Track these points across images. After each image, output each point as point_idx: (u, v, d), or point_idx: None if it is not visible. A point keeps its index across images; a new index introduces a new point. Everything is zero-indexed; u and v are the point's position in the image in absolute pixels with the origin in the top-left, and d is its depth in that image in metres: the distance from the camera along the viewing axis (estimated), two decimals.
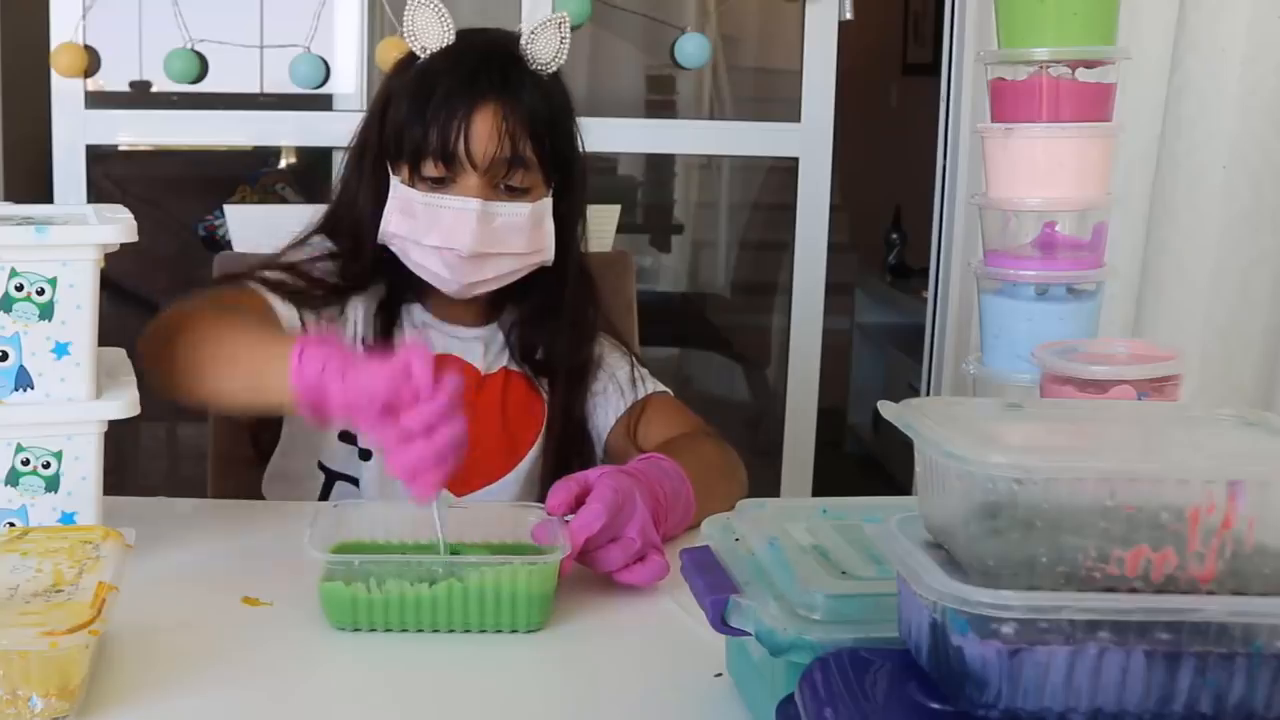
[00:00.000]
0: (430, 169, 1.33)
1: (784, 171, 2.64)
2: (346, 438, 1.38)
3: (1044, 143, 1.35)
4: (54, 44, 2.23)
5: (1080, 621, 0.59)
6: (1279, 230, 1.90)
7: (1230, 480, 0.60)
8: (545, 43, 1.38)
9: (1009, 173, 1.38)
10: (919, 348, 2.51)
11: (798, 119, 2.45)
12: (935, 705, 0.62)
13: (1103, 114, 1.37)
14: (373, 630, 0.97)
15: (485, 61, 1.36)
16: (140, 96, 3.45)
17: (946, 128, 2.34)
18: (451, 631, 0.97)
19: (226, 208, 2.00)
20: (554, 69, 1.40)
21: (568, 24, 1.39)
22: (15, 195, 2.37)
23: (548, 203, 1.37)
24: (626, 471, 1.12)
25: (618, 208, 1.93)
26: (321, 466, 1.40)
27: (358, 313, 1.41)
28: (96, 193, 2.30)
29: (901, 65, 4.85)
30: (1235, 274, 1.92)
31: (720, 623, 0.77)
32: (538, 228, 1.36)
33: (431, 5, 1.35)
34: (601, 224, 1.91)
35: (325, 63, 2.26)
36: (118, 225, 1.03)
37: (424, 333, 1.43)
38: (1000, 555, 0.61)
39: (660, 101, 3.61)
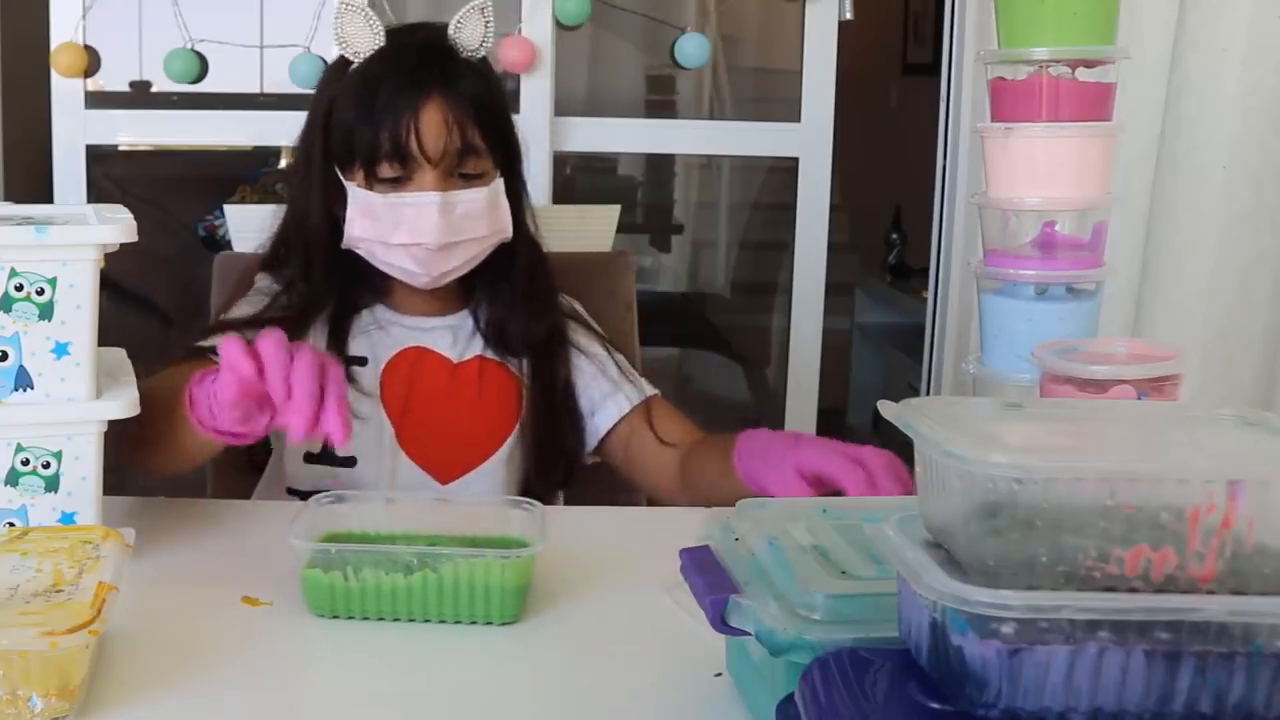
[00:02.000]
0: (386, 170, 1.34)
1: (784, 171, 2.65)
2: (311, 458, 1.39)
3: (1044, 142, 1.35)
4: (54, 44, 2.23)
5: (1080, 621, 0.59)
6: (1279, 230, 1.90)
7: (1230, 480, 0.60)
8: (471, 29, 1.41)
9: (1009, 172, 1.38)
10: (919, 348, 2.51)
11: (798, 119, 2.45)
12: (935, 705, 0.62)
13: (1103, 114, 1.37)
14: (350, 618, 0.99)
15: (423, 57, 1.38)
16: (140, 96, 3.46)
17: (946, 128, 2.34)
18: (428, 621, 0.98)
19: (226, 208, 2.00)
20: (482, 54, 1.43)
21: (490, 8, 1.42)
22: (15, 195, 2.37)
23: (500, 184, 1.40)
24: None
25: (618, 208, 1.93)
26: (292, 491, 1.40)
27: (320, 335, 1.42)
28: (96, 193, 2.31)
29: (901, 65, 4.85)
30: (1235, 274, 1.92)
31: (720, 623, 0.77)
32: (495, 209, 1.39)
33: (359, 10, 1.38)
34: (601, 224, 1.91)
35: (325, 63, 2.26)
36: (118, 225, 1.03)
37: (386, 331, 1.45)
38: (1000, 555, 0.61)
39: (660, 101, 3.62)
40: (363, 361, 1.42)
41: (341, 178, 1.38)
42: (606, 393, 1.48)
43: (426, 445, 1.42)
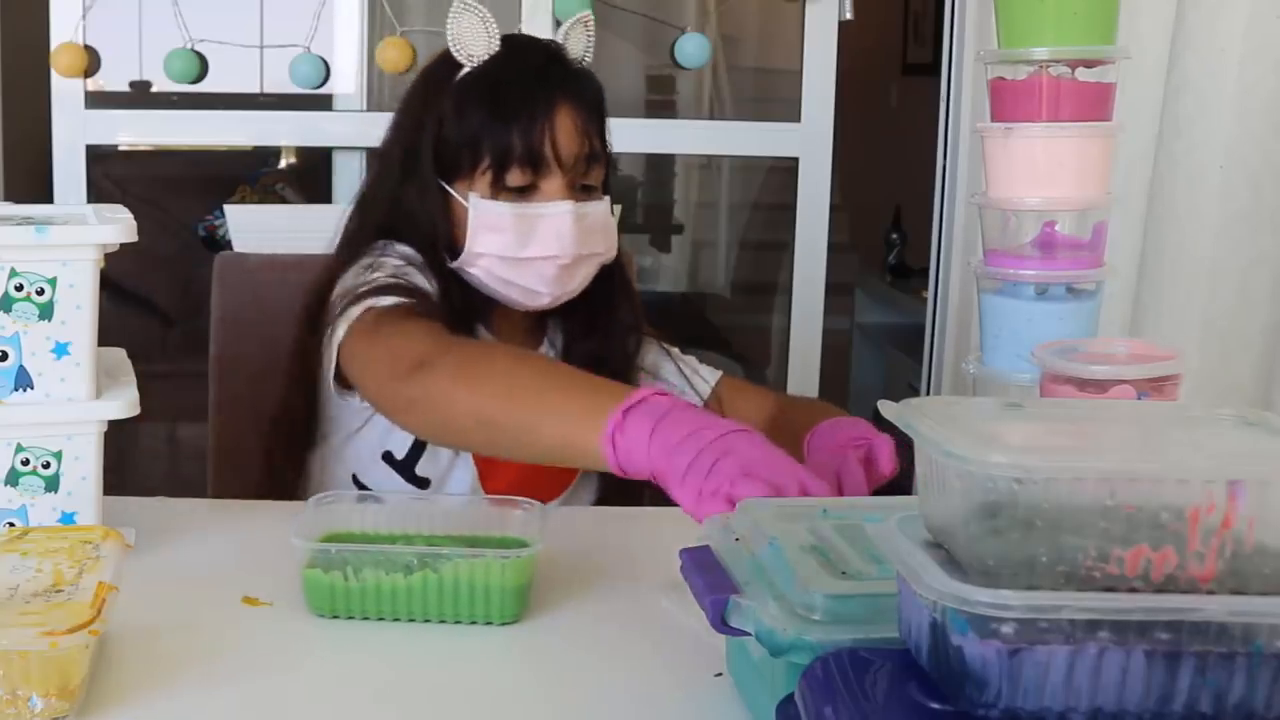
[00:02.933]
0: (516, 178, 1.29)
1: (784, 171, 2.64)
2: (388, 459, 1.35)
3: (1044, 142, 1.35)
4: (54, 44, 2.23)
5: (1080, 621, 0.59)
6: (1277, 230, 1.90)
7: (1230, 480, 0.60)
8: (576, 39, 1.37)
9: (1009, 172, 1.38)
10: (919, 348, 2.51)
11: (798, 119, 2.45)
12: (935, 705, 0.62)
13: (1103, 114, 1.37)
14: (350, 618, 0.98)
15: (548, 61, 1.34)
16: (140, 96, 3.46)
17: (946, 128, 2.34)
18: (428, 621, 0.98)
19: (226, 208, 2.01)
20: (587, 64, 1.39)
21: (592, 21, 1.39)
22: (15, 195, 2.37)
23: (608, 199, 1.36)
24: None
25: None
26: (355, 480, 1.36)
27: None
28: (96, 193, 2.31)
29: (901, 65, 4.85)
30: (1233, 274, 1.92)
31: (720, 623, 0.77)
32: (609, 225, 1.35)
33: (475, 10, 1.31)
34: None
35: (325, 63, 2.27)
36: (118, 225, 1.03)
37: None
38: (1000, 555, 0.61)
39: (660, 101, 3.62)
40: None
41: (452, 190, 1.32)
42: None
43: (505, 481, 1.35)
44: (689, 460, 0.93)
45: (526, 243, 1.29)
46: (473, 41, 1.32)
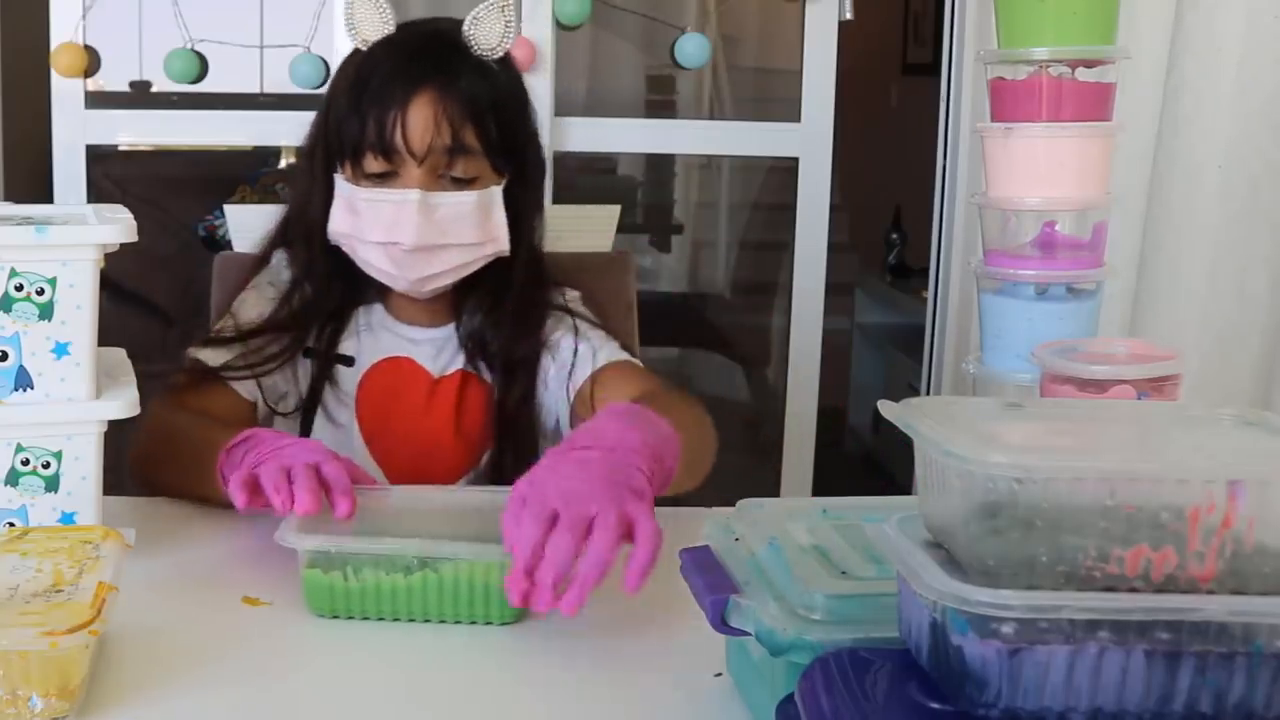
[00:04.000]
0: (371, 164, 1.31)
1: (784, 171, 2.64)
2: None
3: (1044, 142, 1.35)
4: (54, 44, 2.23)
5: (1080, 621, 0.59)
6: (1275, 230, 1.90)
7: (1230, 480, 0.60)
8: (489, 27, 1.35)
9: (1009, 172, 1.38)
10: (919, 348, 2.51)
11: (798, 119, 2.45)
12: (935, 705, 0.62)
13: (1102, 113, 1.37)
14: (351, 618, 0.98)
15: (422, 49, 1.33)
16: (140, 96, 3.46)
17: (946, 128, 2.34)
18: (428, 621, 0.98)
19: (226, 208, 2.00)
20: (500, 54, 1.36)
21: (511, 7, 1.36)
22: (15, 195, 2.37)
23: (497, 191, 1.34)
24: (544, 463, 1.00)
25: (618, 208, 1.93)
26: None
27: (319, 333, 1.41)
28: (96, 193, 2.30)
29: (901, 65, 4.85)
30: (1231, 273, 1.92)
31: (720, 623, 0.77)
32: (487, 217, 1.33)
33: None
34: (601, 224, 1.91)
35: (325, 63, 2.26)
36: (118, 225, 1.03)
37: (375, 335, 1.42)
38: (1000, 555, 0.61)
39: (660, 101, 3.61)
40: (349, 361, 1.40)
41: (336, 169, 1.35)
42: (554, 388, 1.42)
43: (395, 456, 1.39)
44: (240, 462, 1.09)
45: (373, 227, 1.31)
46: (366, 25, 1.35)
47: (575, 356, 1.41)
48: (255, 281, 1.43)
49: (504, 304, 1.40)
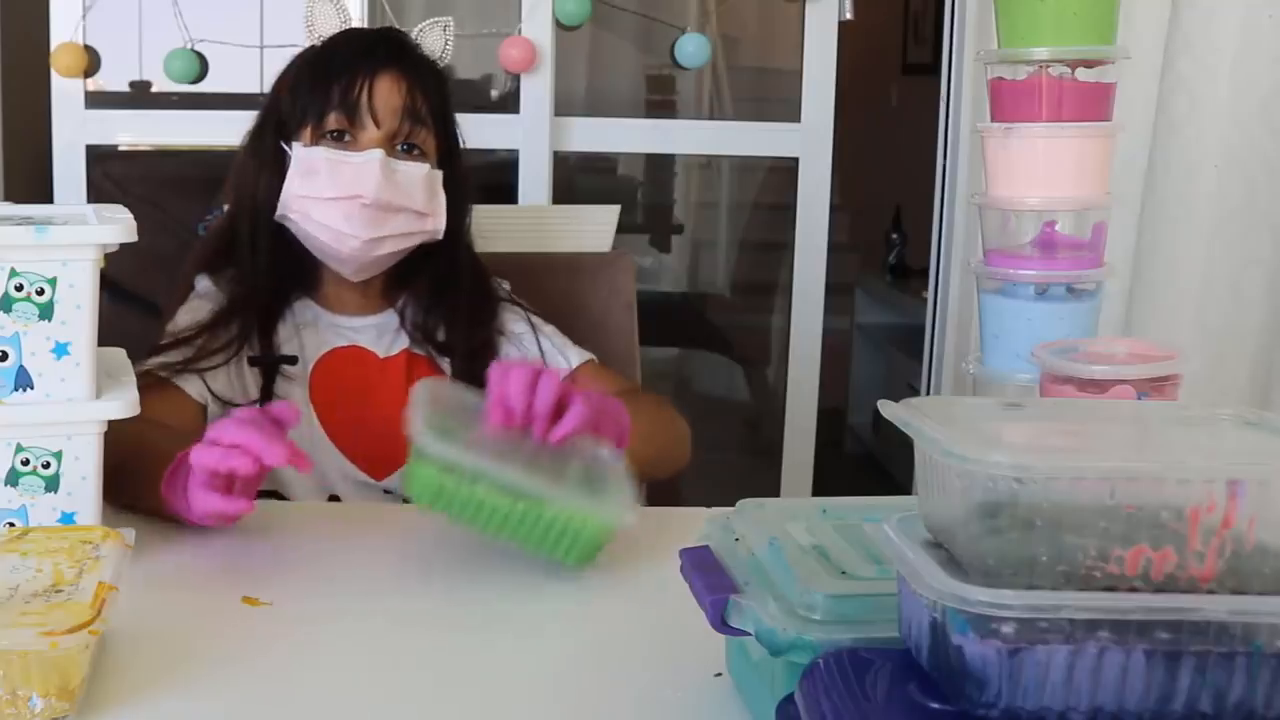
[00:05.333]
0: (332, 122, 1.37)
1: (784, 171, 2.65)
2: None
3: (1044, 142, 1.35)
4: (54, 44, 2.23)
5: (1080, 621, 0.59)
6: (1272, 229, 1.90)
7: (1230, 480, 0.60)
8: (432, 40, 1.50)
9: (1009, 172, 1.39)
10: (919, 348, 2.52)
11: (798, 119, 2.45)
12: (935, 705, 0.62)
13: (1102, 113, 1.37)
14: (439, 513, 1.05)
15: (383, 38, 1.46)
16: (140, 96, 3.46)
17: (946, 128, 2.34)
18: (507, 541, 1.05)
19: (226, 208, 2.00)
20: (441, 64, 1.49)
21: (451, 27, 1.52)
22: (15, 195, 2.37)
23: (439, 175, 1.42)
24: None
25: (617, 208, 1.93)
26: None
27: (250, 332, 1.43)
28: (96, 193, 2.31)
29: (901, 65, 4.85)
30: (1227, 273, 1.92)
31: (720, 623, 0.77)
32: (433, 194, 1.41)
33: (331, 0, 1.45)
34: (601, 224, 1.91)
35: None
36: (118, 225, 1.03)
37: (317, 331, 1.45)
38: (1000, 554, 0.61)
39: (660, 101, 3.61)
40: (292, 360, 1.43)
41: (287, 148, 1.39)
42: None
43: (358, 442, 1.42)
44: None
45: (332, 183, 1.36)
46: (324, 23, 1.47)
47: (544, 354, 1.48)
48: (186, 305, 1.47)
49: (447, 295, 1.47)
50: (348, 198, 1.35)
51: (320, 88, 1.38)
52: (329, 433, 1.41)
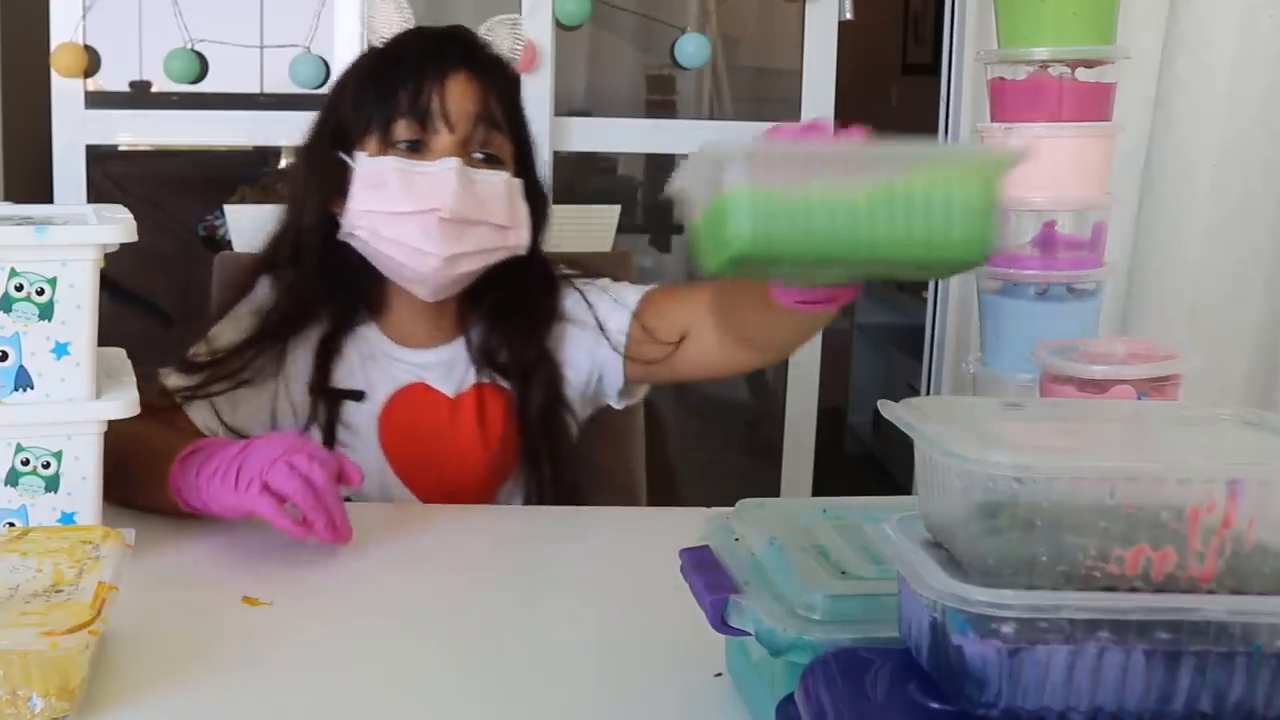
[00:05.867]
0: (403, 131, 1.27)
1: None
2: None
3: (1044, 142, 1.35)
4: (54, 44, 2.23)
5: (1080, 621, 0.59)
6: (1269, 228, 1.90)
7: (1230, 479, 0.60)
8: (502, 38, 1.41)
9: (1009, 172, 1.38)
10: (919, 348, 2.51)
11: (798, 119, 2.45)
12: (935, 705, 0.62)
13: (1102, 113, 1.37)
14: (770, 259, 0.77)
15: (450, 36, 1.34)
16: (140, 96, 3.46)
17: (946, 128, 2.34)
18: (876, 262, 0.79)
19: (226, 208, 2.00)
20: (512, 64, 1.40)
21: (520, 26, 1.41)
22: (15, 195, 2.37)
23: (519, 184, 1.32)
24: None
25: (618, 208, 1.93)
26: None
27: (298, 361, 1.35)
28: (96, 193, 2.30)
29: (901, 65, 4.85)
30: (1224, 272, 1.92)
31: (720, 623, 0.77)
32: (514, 203, 1.30)
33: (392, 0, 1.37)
34: (601, 224, 1.91)
35: (325, 63, 2.26)
36: (118, 225, 1.03)
37: (380, 365, 1.36)
38: (1000, 554, 0.61)
39: (660, 101, 3.61)
40: (359, 396, 1.35)
41: (349, 160, 1.29)
42: (599, 345, 1.39)
43: (429, 481, 1.36)
44: (218, 479, 1.09)
45: (405, 197, 1.25)
46: (385, 23, 1.39)
47: (600, 324, 1.38)
48: (236, 310, 1.38)
49: (515, 314, 1.37)
50: (423, 211, 1.25)
51: (386, 93, 1.27)
52: (399, 473, 1.36)
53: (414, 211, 1.25)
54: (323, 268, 1.33)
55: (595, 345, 1.39)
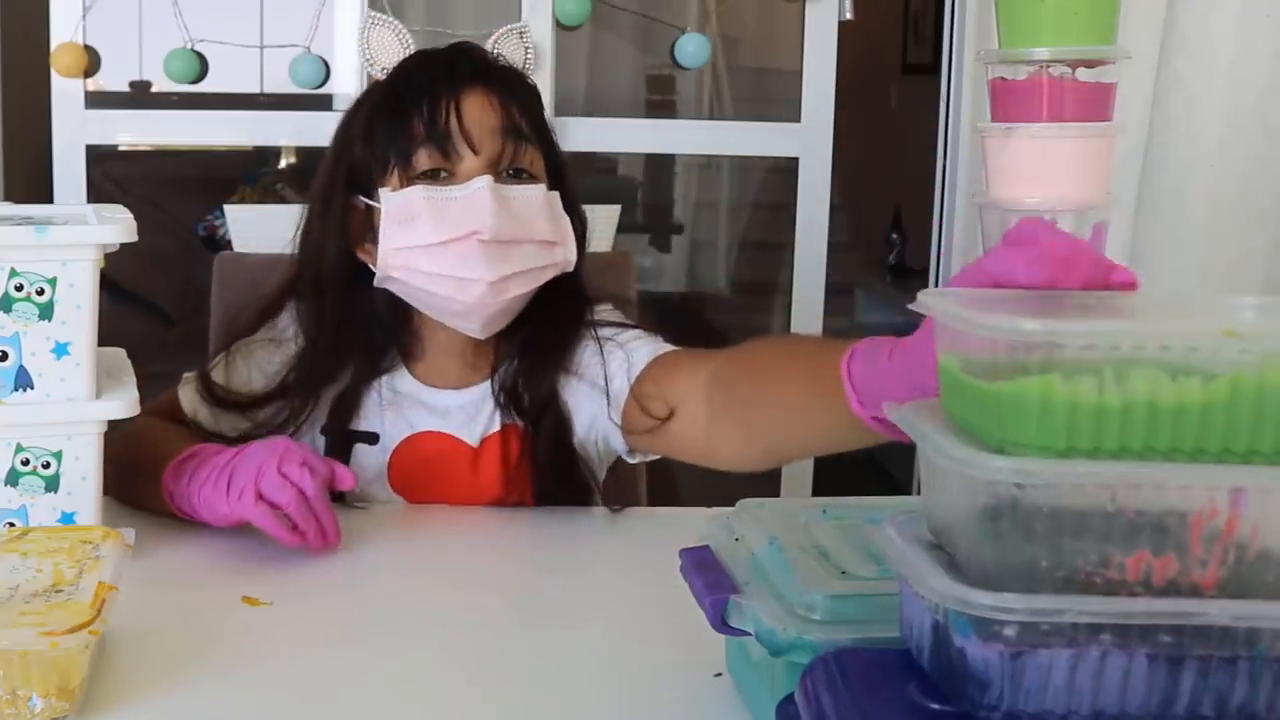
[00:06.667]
0: (424, 161, 1.20)
1: (784, 171, 2.64)
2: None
3: (1044, 142, 1.35)
4: (54, 44, 2.23)
5: (1082, 625, 0.59)
6: (1266, 228, 1.90)
7: (1233, 487, 0.60)
8: (511, 49, 1.36)
9: (1009, 172, 1.38)
10: None
11: (798, 119, 2.45)
12: (935, 706, 0.62)
13: (1103, 114, 1.37)
14: (1093, 455, 0.59)
15: (458, 53, 1.27)
16: (140, 96, 3.46)
17: (946, 128, 2.34)
18: (1219, 461, 0.59)
19: (226, 208, 2.00)
20: (527, 76, 1.33)
21: (529, 33, 1.36)
22: (15, 195, 2.37)
23: (557, 196, 1.25)
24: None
25: (617, 208, 1.93)
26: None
27: (323, 405, 1.29)
28: (96, 193, 2.30)
29: (901, 65, 4.85)
30: (1222, 272, 1.92)
31: (720, 623, 0.77)
32: (556, 217, 1.24)
33: (388, 23, 1.32)
34: (601, 224, 1.91)
35: (325, 63, 2.26)
36: (118, 225, 1.03)
37: (401, 410, 1.30)
38: (1000, 559, 0.61)
39: (660, 101, 3.62)
40: (372, 439, 1.30)
41: (370, 203, 1.24)
42: (601, 405, 1.30)
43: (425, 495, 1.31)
44: (210, 486, 1.10)
45: (439, 226, 1.18)
46: (384, 53, 1.32)
47: (607, 373, 1.28)
48: (253, 340, 1.33)
49: (539, 345, 1.29)
50: (461, 238, 1.17)
51: (400, 124, 1.20)
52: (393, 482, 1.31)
53: (451, 240, 1.18)
54: (351, 319, 1.28)
55: (600, 409, 1.30)
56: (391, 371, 1.31)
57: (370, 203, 1.24)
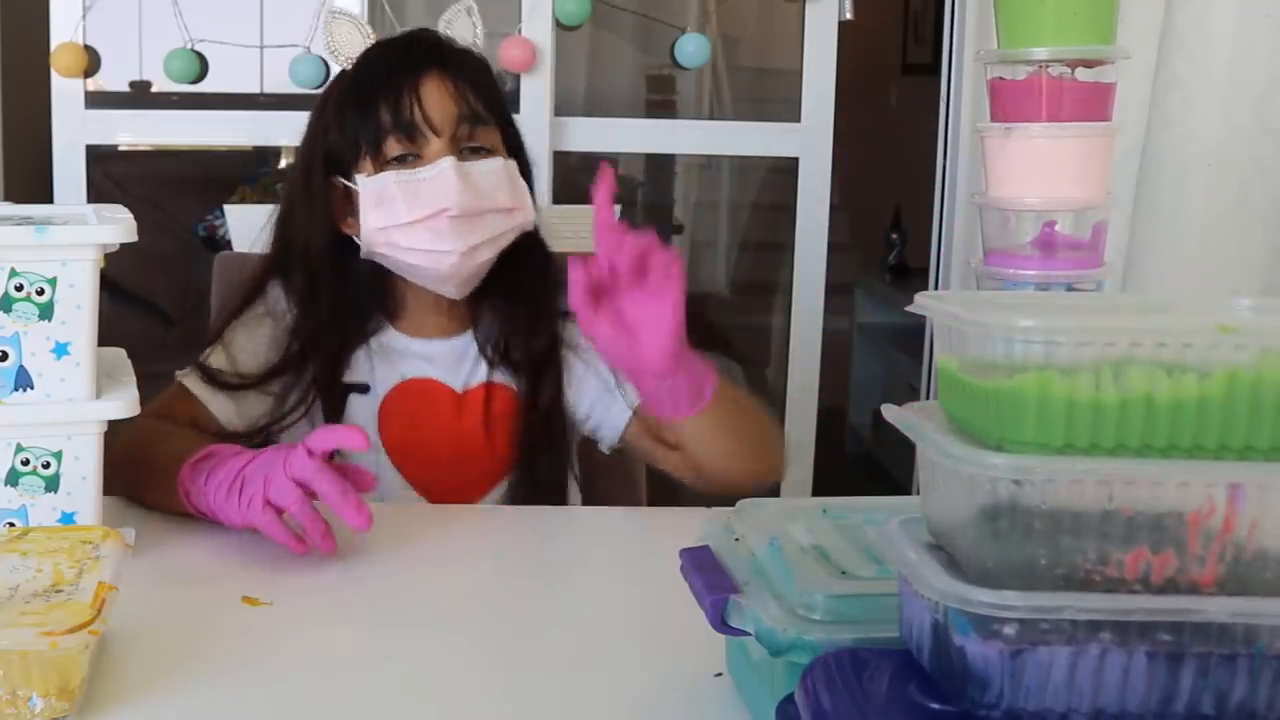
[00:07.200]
0: (394, 148, 1.32)
1: (784, 171, 2.65)
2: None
3: (1044, 142, 1.35)
4: (54, 44, 2.23)
5: (1082, 622, 0.59)
6: (1264, 228, 1.90)
7: (1231, 484, 0.60)
8: (461, 28, 1.44)
9: (1009, 172, 1.39)
10: (919, 348, 2.51)
11: (798, 119, 2.45)
12: (935, 705, 0.62)
13: (1102, 113, 1.37)
14: (1091, 451, 0.60)
15: (415, 41, 1.39)
16: (140, 96, 3.46)
17: (946, 128, 2.34)
18: (1216, 458, 0.60)
19: (226, 208, 2.01)
20: (479, 54, 1.43)
21: (475, 9, 1.45)
22: (15, 195, 2.37)
23: (514, 164, 1.37)
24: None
25: (617, 208, 1.93)
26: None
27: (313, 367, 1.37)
28: (96, 193, 2.31)
29: (901, 65, 4.85)
30: (1220, 272, 1.92)
31: (720, 623, 0.77)
32: (514, 184, 1.36)
33: (348, 18, 1.40)
34: None
35: (325, 63, 2.27)
36: (118, 225, 1.03)
37: (389, 359, 1.39)
38: (999, 557, 0.61)
39: (660, 101, 3.62)
40: (364, 389, 1.38)
41: (349, 184, 1.34)
42: (605, 399, 1.41)
43: (422, 469, 1.38)
44: (224, 490, 1.12)
45: (412, 206, 1.31)
46: (347, 44, 1.40)
47: (616, 375, 1.40)
48: (245, 318, 1.40)
49: (518, 301, 1.41)
50: (433, 215, 1.30)
51: (368, 115, 1.33)
52: (397, 464, 1.38)
53: (424, 218, 1.31)
54: (339, 289, 1.37)
55: (602, 392, 1.41)
56: (378, 332, 1.41)
57: (349, 184, 1.35)
